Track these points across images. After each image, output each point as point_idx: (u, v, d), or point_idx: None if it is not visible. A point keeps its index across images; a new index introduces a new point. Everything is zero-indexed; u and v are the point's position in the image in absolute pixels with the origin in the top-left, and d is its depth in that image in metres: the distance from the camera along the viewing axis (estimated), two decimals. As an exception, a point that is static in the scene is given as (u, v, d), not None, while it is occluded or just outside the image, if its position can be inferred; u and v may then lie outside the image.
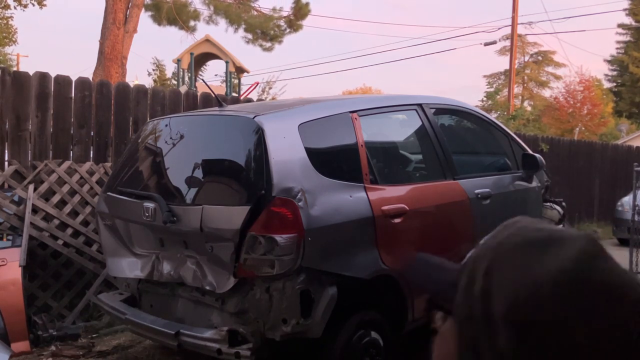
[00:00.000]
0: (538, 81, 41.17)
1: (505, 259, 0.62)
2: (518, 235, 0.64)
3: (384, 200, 3.33)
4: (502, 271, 0.61)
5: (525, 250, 0.61)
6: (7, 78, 4.77)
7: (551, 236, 0.62)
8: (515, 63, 20.51)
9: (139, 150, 3.86)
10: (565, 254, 0.59)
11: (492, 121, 4.89)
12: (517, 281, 0.59)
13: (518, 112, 17.27)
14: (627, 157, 12.55)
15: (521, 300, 0.58)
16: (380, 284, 3.31)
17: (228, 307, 3.08)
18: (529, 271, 0.59)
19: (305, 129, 3.17)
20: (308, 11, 14.87)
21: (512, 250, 0.62)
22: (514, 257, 0.61)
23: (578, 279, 0.57)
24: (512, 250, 0.62)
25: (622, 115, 36.20)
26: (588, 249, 0.59)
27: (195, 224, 3.05)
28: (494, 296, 0.60)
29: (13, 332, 3.92)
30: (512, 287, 0.59)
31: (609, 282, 0.57)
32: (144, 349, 4.21)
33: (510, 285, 0.59)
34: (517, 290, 0.58)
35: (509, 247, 0.63)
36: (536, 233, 0.63)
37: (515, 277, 0.59)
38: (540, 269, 0.58)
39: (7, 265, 4.03)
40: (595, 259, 0.59)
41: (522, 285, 0.59)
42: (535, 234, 0.63)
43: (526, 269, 0.59)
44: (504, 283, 0.60)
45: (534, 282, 0.58)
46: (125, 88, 5.56)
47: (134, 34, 11.19)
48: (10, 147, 4.77)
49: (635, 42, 37.87)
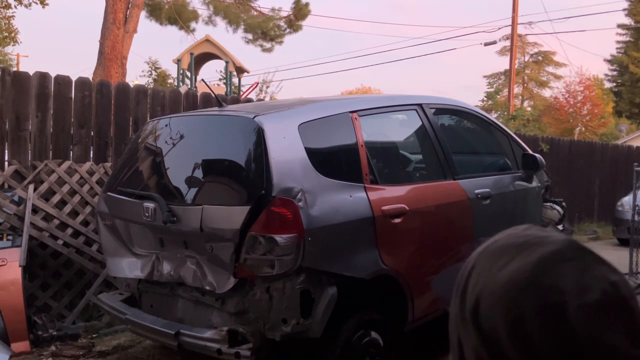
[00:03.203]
0: (538, 81, 41.17)
1: (481, 263, 0.64)
2: (502, 240, 0.65)
3: (384, 200, 3.33)
4: (475, 274, 0.63)
5: (499, 254, 0.63)
6: (7, 78, 4.77)
7: (528, 241, 0.62)
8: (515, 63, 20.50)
9: (139, 150, 3.86)
10: (529, 258, 0.59)
11: (492, 121, 4.89)
12: (481, 284, 0.61)
13: (518, 112, 17.27)
14: (627, 157, 12.54)
15: (482, 302, 0.60)
16: (381, 284, 3.31)
17: (228, 307, 3.08)
18: (493, 275, 0.61)
19: (305, 129, 3.17)
20: (308, 12, 14.87)
21: (489, 254, 0.64)
22: (487, 261, 0.63)
23: (527, 282, 0.57)
24: (489, 254, 0.64)
25: (622, 115, 36.18)
26: (558, 254, 0.59)
27: (195, 224, 3.05)
28: (468, 296, 0.63)
29: (13, 332, 3.91)
30: (477, 290, 0.61)
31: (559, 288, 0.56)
32: (144, 349, 4.21)
33: (476, 288, 0.62)
34: (480, 293, 0.61)
35: (488, 252, 0.65)
36: (517, 238, 0.64)
37: (481, 280, 0.62)
38: (501, 272, 0.60)
39: (7, 265, 4.03)
40: (562, 264, 0.58)
41: (484, 288, 0.61)
42: (515, 240, 0.64)
43: (491, 273, 0.61)
44: (474, 286, 0.62)
45: (493, 285, 0.60)
46: (125, 88, 5.56)
47: (134, 34, 11.19)
48: (10, 147, 4.77)
49: (635, 42, 37.88)
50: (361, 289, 3.23)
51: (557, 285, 0.56)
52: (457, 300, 0.65)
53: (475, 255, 0.66)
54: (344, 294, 3.04)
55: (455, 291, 0.66)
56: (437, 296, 3.70)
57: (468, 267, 0.66)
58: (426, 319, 3.67)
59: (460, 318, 0.63)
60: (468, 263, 0.67)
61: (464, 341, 0.63)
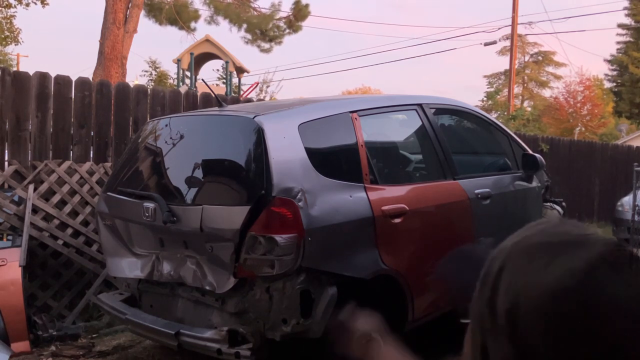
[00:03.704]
0: (538, 81, 41.19)
1: (515, 261, 0.59)
2: (534, 237, 0.61)
3: (384, 200, 3.33)
4: (509, 273, 0.59)
5: (536, 253, 0.58)
6: (7, 78, 4.77)
7: (568, 240, 0.58)
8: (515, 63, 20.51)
9: (139, 150, 3.86)
10: (574, 262, 0.55)
11: (492, 121, 4.89)
12: (520, 285, 0.57)
13: (518, 112, 17.28)
14: (627, 157, 12.54)
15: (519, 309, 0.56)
16: (381, 284, 3.31)
17: (228, 307, 3.08)
18: (532, 278, 0.56)
19: (305, 129, 3.17)
20: (308, 12, 14.87)
21: (523, 252, 0.60)
22: (523, 260, 0.59)
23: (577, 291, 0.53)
24: (523, 252, 0.60)
25: (622, 115, 36.18)
26: (601, 259, 0.55)
27: (195, 224, 3.05)
28: (499, 298, 0.58)
29: (13, 332, 3.91)
30: (514, 291, 0.57)
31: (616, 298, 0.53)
32: (144, 349, 4.21)
33: (514, 289, 0.57)
34: (519, 295, 0.56)
35: (521, 249, 0.60)
36: (553, 236, 0.60)
37: (520, 281, 0.57)
38: (542, 276, 0.56)
39: (7, 265, 4.03)
40: (606, 270, 0.54)
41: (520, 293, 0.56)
42: (551, 237, 0.60)
43: (530, 275, 0.57)
44: (509, 286, 0.58)
45: (533, 292, 0.55)
46: (125, 88, 5.56)
47: (134, 34, 11.19)
48: (10, 147, 4.77)
49: (635, 42, 37.87)
50: (361, 289, 3.23)
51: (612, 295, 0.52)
52: (482, 302, 0.60)
53: (503, 253, 0.61)
54: (344, 294, 3.04)
55: (480, 290, 0.61)
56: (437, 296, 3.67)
57: (496, 265, 0.61)
58: (426, 319, 3.67)
59: (490, 323, 0.58)
60: (494, 260, 0.61)
61: (491, 349, 0.58)
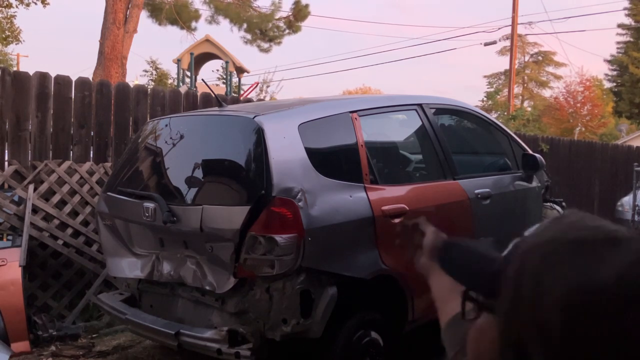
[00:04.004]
0: (538, 81, 41.19)
1: (559, 257, 0.58)
2: (571, 232, 0.60)
3: (384, 200, 3.33)
4: (555, 270, 0.57)
5: (581, 249, 0.57)
6: (7, 78, 4.77)
7: (606, 235, 0.58)
8: (515, 63, 20.52)
9: (139, 150, 3.86)
10: (625, 256, 0.55)
11: (492, 121, 4.89)
12: (574, 283, 0.55)
13: (518, 112, 17.29)
14: (627, 157, 12.54)
15: (578, 303, 0.54)
16: (381, 283, 3.31)
17: (228, 307, 3.08)
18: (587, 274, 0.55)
19: (305, 129, 3.17)
20: (308, 13, 14.87)
21: (566, 248, 0.58)
22: (568, 256, 0.57)
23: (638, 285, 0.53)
24: (566, 248, 0.58)
25: (622, 115, 36.19)
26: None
27: (195, 224, 3.05)
28: (546, 296, 0.56)
29: (13, 332, 3.91)
30: (567, 289, 0.55)
31: None
32: (144, 349, 4.21)
33: (566, 287, 0.56)
34: (573, 293, 0.55)
35: (563, 245, 0.59)
36: (589, 231, 0.59)
37: (572, 279, 0.56)
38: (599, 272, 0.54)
39: (7, 265, 4.03)
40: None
41: (580, 287, 0.55)
42: (588, 233, 0.59)
43: (583, 271, 0.55)
44: (558, 284, 0.56)
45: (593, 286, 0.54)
46: (125, 88, 5.56)
47: (134, 34, 11.19)
48: (10, 147, 4.77)
49: (635, 43, 37.87)
50: (361, 289, 3.23)
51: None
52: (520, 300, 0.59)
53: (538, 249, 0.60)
54: (344, 294, 3.04)
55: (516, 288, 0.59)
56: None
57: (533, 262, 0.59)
58: (426, 319, 3.67)
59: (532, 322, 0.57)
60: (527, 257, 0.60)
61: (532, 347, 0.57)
